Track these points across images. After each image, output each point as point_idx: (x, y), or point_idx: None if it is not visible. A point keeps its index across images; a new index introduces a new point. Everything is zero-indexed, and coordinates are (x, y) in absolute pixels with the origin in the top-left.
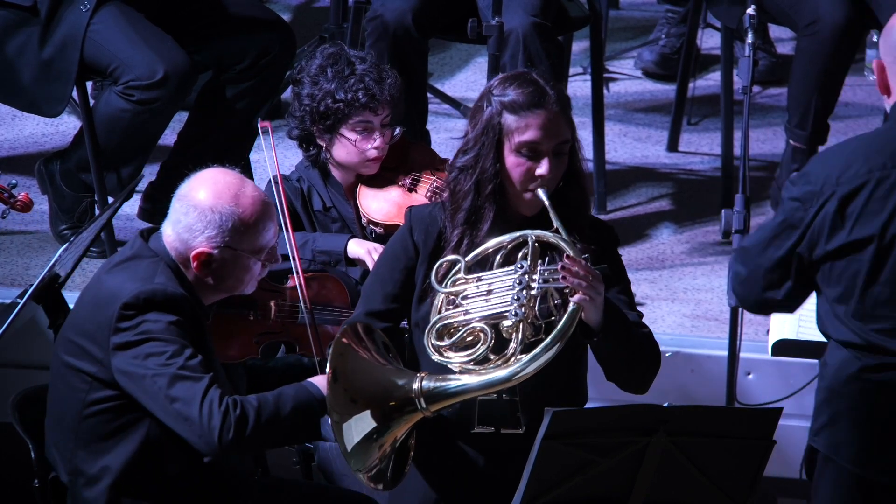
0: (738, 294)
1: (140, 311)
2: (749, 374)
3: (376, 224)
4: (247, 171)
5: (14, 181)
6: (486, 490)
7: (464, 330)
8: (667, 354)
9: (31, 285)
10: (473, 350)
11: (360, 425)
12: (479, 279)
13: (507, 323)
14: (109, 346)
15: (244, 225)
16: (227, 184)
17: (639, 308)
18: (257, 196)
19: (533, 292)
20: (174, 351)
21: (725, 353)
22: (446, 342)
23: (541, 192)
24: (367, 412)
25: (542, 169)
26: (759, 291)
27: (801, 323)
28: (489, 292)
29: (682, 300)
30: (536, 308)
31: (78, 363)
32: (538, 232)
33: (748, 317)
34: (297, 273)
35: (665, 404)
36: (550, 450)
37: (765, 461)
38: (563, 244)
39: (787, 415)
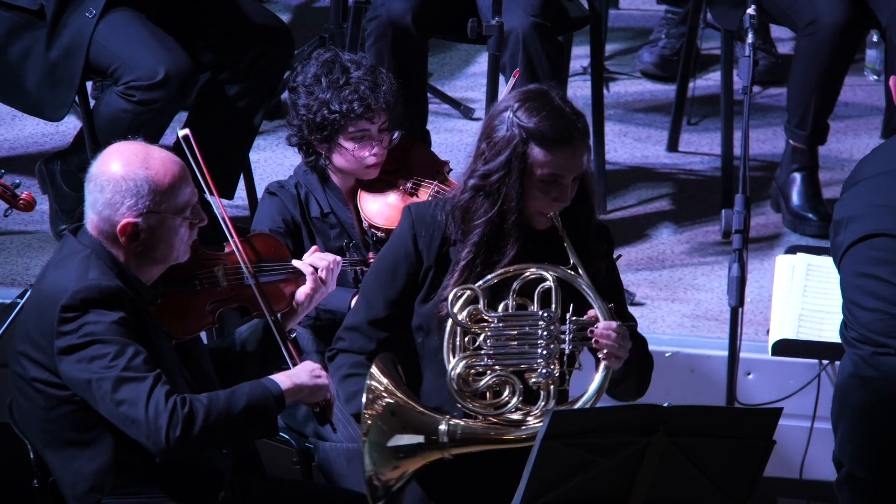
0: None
1: (80, 312)
2: (749, 374)
3: (378, 228)
4: (246, 172)
5: (17, 181)
6: (481, 488)
7: (490, 377)
8: (667, 354)
9: (31, 285)
10: (501, 400)
11: (409, 439)
12: (502, 319)
13: (534, 377)
14: (54, 350)
15: (160, 186)
16: (133, 152)
17: (639, 308)
18: (166, 157)
19: (563, 347)
20: (116, 352)
21: (725, 353)
22: (471, 387)
23: (558, 224)
24: (419, 437)
25: (561, 199)
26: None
27: (801, 323)
28: (514, 338)
29: (682, 300)
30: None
31: (29, 373)
32: (559, 273)
33: (748, 317)
34: (232, 237)
35: (665, 404)
36: (550, 450)
37: (765, 461)
38: (590, 298)
39: (787, 415)
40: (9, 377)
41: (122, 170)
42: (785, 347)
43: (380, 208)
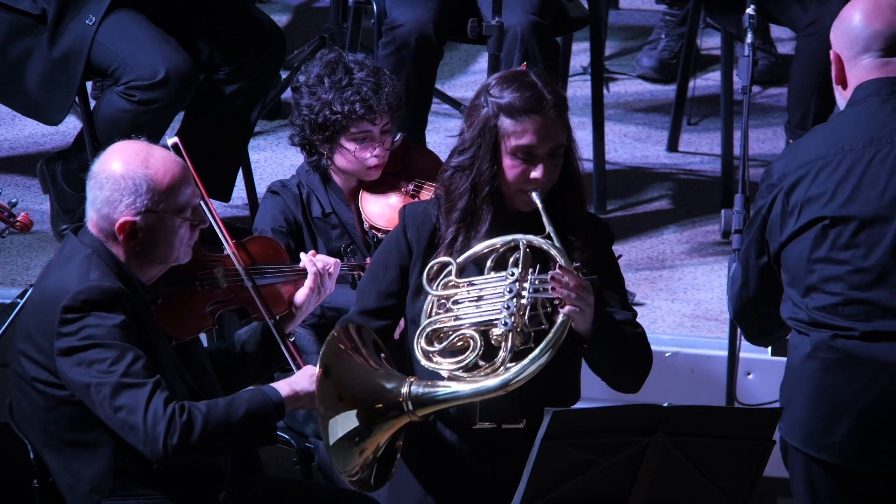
0: (732, 296)
1: (81, 314)
2: (749, 374)
3: (378, 229)
4: (246, 172)
5: (14, 200)
6: (483, 489)
7: (454, 336)
8: (667, 354)
9: (31, 285)
10: (463, 357)
11: (345, 423)
12: (471, 284)
13: (496, 331)
14: (54, 351)
15: (159, 185)
16: (134, 150)
17: (639, 308)
18: (167, 156)
19: (523, 301)
20: (116, 356)
21: (725, 353)
22: (436, 347)
23: (535, 196)
24: (353, 412)
25: (537, 173)
26: (748, 290)
27: None
28: (480, 298)
29: (682, 300)
30: (526, 317)
31: (29, 373)
32: (529, 237)
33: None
34: (225, 239)
35: (665, 404)
36: (550, 450)
37: (765, 461)
38: (553, 252)
39: None
40: (9, 376)
41: (121, 168)
42: (785, 347)
43: (381, 209)
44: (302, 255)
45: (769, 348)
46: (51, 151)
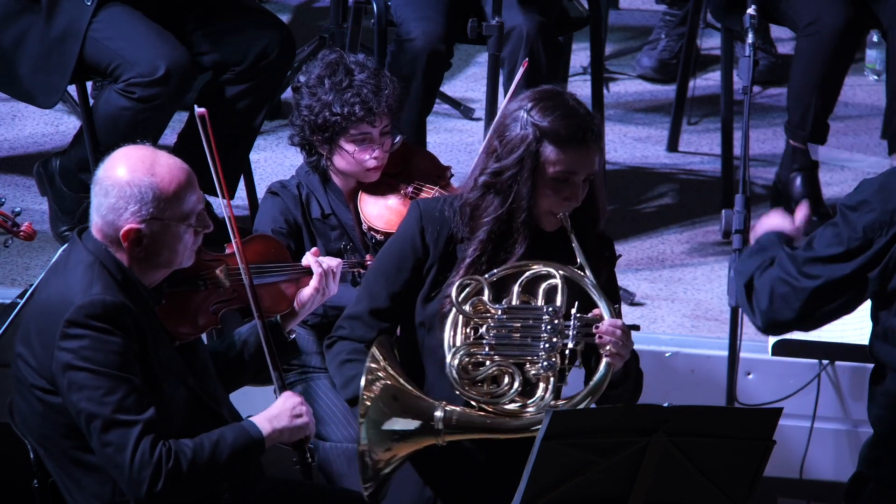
0: (767, 311)
1: (82, 329)
2: (749, 374)
3: (377, 231)
4: (246, 172)
5: (18, 209)
6: (483, 489)
7: (490, 366)
8: (667, 354)
9: (31, 285)
10: (499, 390)
11: (401, 423)
12: (506, 311)
13: (535, 369)
14: (51, 361)
15: (164, 193)
16: (140, 157)
17: (639, 308)
18: (173, 164)
19: (567, 342)
20: (110, 387)
21: (725, 353)
22: (470, 375)
23: (571, 234)
24: (411, 419)
25: (572, 198)
26: (793, 311)
27: None
28: (517, 330)
29: (682, 300)
30: (567, 354)
31: (27, 379)
32: (567, 272)
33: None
34: (234, 235)
35: (665, 404)
36: (550, 450)
37: (765, 461)
38: (594, 295)
39: (787, 415)
40: (9, 377)
41: (127, 175)
42: (785, 347)
43: (379, 211)
44: (307, 254)
45: (769, 348)
46: (50, 151)
